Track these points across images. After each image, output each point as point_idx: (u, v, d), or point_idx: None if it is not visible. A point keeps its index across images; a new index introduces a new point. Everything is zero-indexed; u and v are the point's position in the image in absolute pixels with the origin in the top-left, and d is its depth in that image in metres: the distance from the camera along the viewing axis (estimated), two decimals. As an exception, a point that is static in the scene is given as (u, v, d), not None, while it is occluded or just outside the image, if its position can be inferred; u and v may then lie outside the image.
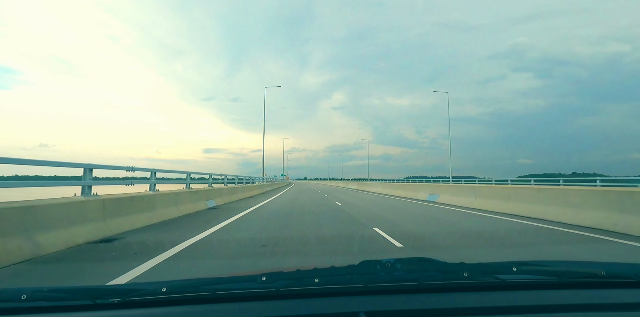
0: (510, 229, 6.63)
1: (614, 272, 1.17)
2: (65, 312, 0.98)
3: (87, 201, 5.17)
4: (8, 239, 3.65)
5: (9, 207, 3.80)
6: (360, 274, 1.14)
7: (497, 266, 1.25)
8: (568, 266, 1.34)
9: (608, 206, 6.64)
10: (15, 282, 3.07)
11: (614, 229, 6.17)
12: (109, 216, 5.56)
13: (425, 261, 1.26)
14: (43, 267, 3.56)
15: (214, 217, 8.37)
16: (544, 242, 5.35)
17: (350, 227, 6.84)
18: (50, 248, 4.10)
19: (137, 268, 3.50)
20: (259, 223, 7.38)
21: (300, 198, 17.19)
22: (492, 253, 4.56)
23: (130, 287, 1.07)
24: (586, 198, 7.21)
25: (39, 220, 4.12)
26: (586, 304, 1.04)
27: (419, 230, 6.51)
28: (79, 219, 4.83)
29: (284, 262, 3.94)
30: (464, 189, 13.36)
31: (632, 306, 1.04)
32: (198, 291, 1.05)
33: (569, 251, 4.81)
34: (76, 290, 1.06)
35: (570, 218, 7.26)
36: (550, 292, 1.09)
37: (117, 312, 0.99)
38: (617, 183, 15.96)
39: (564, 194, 7.90)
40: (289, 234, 5.84)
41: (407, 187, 19.53)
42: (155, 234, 5.81)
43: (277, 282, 1.05)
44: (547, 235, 6.03)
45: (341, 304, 1.01)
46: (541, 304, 1.04)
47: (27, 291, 1.00)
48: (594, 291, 1.11)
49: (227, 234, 5.95)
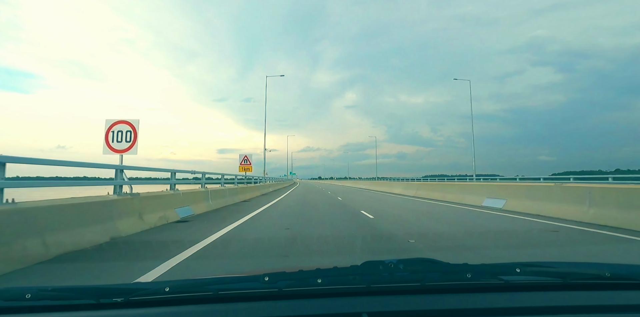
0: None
1: (619, 273, 1.16)
2: (69, 312, 0.99)
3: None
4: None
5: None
6: (363, 274, 1.14)
7: (501, 267, 1.24)
8: (573, 267, 1.33)
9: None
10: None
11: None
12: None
13: (428, 262, 1.25)
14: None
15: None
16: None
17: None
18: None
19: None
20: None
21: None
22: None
23: (133, 287, 1.07)
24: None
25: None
26: (591, 305, 1.03)
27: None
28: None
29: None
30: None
31: (637, 308, 1.03)
32: (201, 291, 1.05)
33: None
34: (80, 289, 1.07)
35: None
36: (555, 293, 1.08)
37: (120, 311, 0.99)
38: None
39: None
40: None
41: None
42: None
43: (279, 282, 1.05)
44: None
45: (344, 305, 1.01)
46: (545, 305, 1.03)
47: (31, 290, 1.00)
48: (599, 293, 1.10)
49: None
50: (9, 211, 3.55)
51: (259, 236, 5.61)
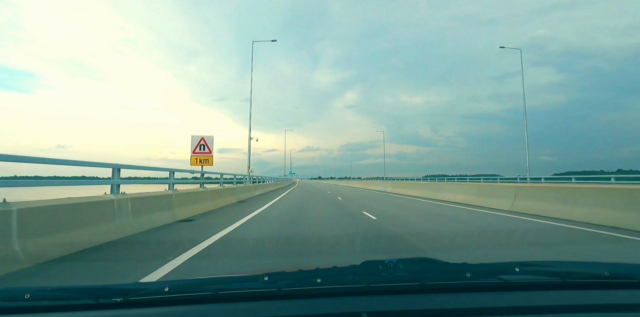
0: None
1: (617, 272, 1.16)
2: (68, 312, 0.99)
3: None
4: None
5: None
6: (362, 274, 1.14)
7: (500, 267, 1.24)
8: (571, 267, 1.33)
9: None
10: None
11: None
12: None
13: (427, 261, 1.25)
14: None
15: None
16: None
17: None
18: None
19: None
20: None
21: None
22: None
23: (132, 287, 1.07)
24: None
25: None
26: (589, 304, 1.03)
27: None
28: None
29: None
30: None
31: (635, 307, 1.03)
32: (200, 291, 1.05)
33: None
34: (79, 289, 1.07)
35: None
36: (554, 292, 1.09)
37: (119, 311, 0.99)
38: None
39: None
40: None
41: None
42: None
43: (279, 282, 1.05)
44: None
45: (343, 304, 1.01)
46: (544, 304, 1.03)
47: (30, 290, 1.00)
48: (598, 292, 1.10)
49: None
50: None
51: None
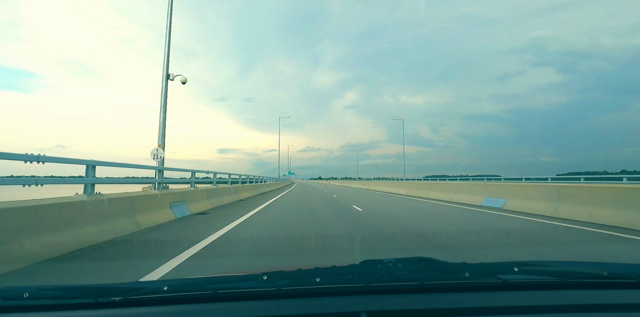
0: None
1: (616, 272, 1.16)
2: (67, 311, 0.99)
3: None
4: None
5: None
6: (361, 273, 1.14)
7: (499, 266, 1.24)
8: (570, 266, 1.33)
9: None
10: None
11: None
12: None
13: (426, 261, 1.25)
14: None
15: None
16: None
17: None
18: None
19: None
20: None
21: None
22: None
23: (132, 286, 1.07)
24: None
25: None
26: (588, 304, 1.03)
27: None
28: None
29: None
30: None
31: (634, 307, 1.03)
32: (199, 290, 1.05)
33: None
34: (78, 288, 1.07)
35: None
36: (552, 292, 1.09)
37: (118, 310, 0.99)
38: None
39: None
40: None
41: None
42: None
43: (278, 281, 1.05)
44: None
45: (342, 304, 1.01)
46: (543, 304, 1.03)
47: (29, 289, 1.00)
48: (596, 292, 1.10)
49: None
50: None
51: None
